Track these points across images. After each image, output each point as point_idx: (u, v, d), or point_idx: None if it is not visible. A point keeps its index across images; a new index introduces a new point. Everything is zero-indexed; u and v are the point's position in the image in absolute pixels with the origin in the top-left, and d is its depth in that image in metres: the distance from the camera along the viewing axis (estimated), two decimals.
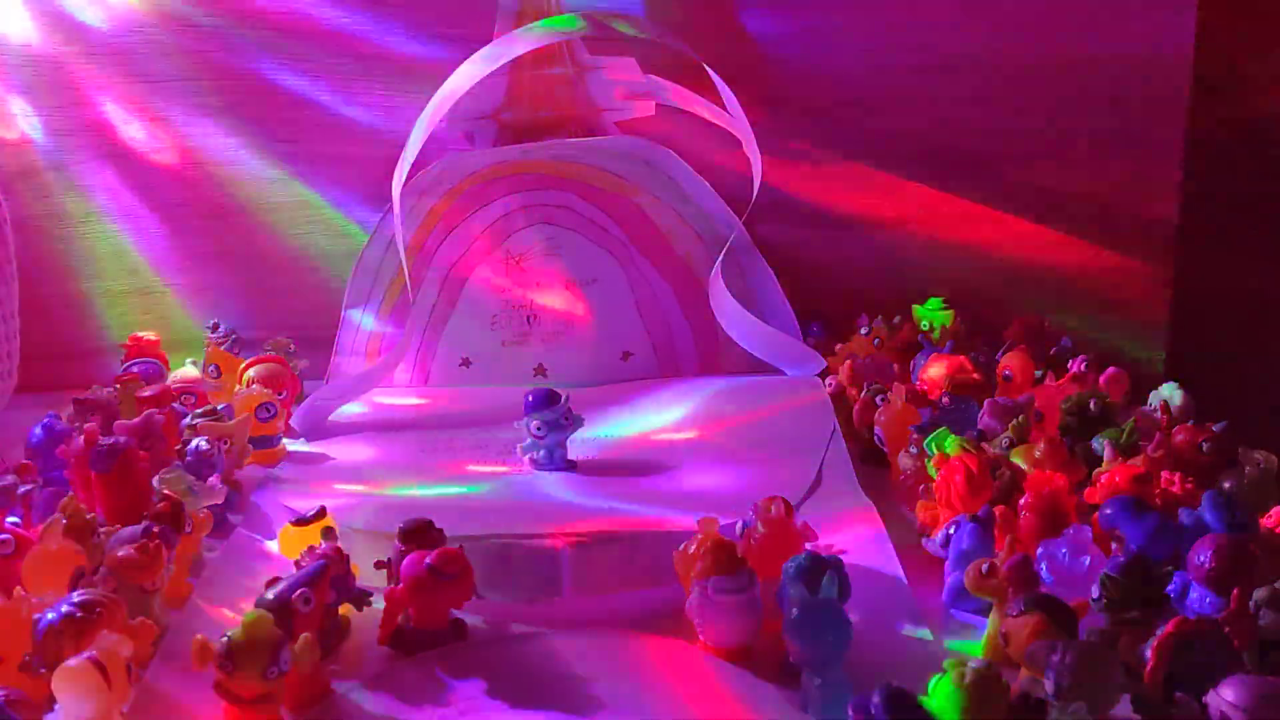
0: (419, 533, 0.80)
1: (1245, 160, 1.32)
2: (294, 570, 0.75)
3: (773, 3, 1.23)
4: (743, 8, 1.24)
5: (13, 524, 0.83)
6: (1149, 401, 1.05)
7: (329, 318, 1.27)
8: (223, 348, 1.22)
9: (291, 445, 1.09)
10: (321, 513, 0.85)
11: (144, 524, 0.79)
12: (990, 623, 0.76)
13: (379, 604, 0.78)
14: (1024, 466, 0.91)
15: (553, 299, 1.25)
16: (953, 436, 0.91)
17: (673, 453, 1.05)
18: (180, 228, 1.30)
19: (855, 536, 0.89)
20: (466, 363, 1.26)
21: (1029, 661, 0.67)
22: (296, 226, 1.30)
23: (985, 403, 1.02)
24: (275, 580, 0.73)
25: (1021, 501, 0.84)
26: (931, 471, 0.91)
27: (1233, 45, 1.27)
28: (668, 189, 1.24)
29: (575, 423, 1.01)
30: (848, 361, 1.16)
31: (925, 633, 0.78)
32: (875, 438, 1.04)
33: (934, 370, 1.11)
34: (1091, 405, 1.00)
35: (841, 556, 0.76)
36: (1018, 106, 1.25)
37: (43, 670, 0.67)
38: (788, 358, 1.23)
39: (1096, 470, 0.90)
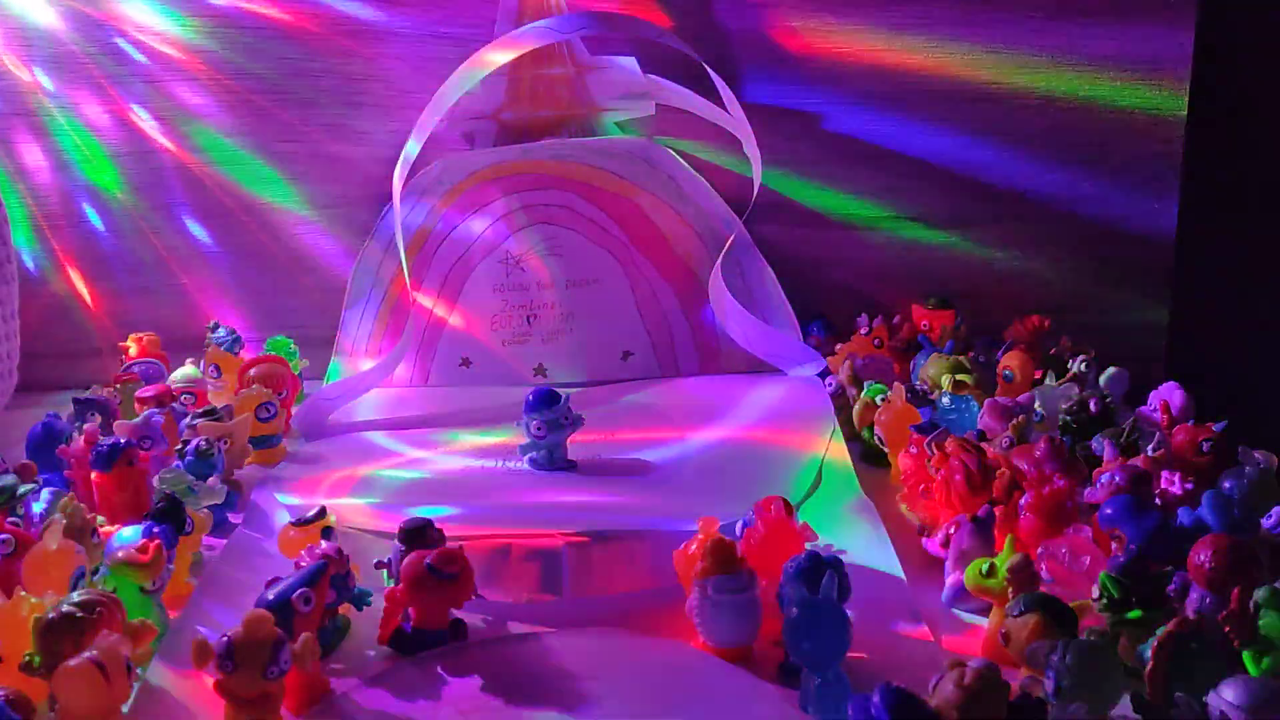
0: (419, 533, 0.80)
1: (1245, 161, 1.32)
2: (294, 570, 0.75)
3: (772, 2, 1.23)
4: (742, 8, 1.23)
5: (13, 524, 0.83)
6: (1149, 401, 1.05)
7: (329, 318, 1.27)
8: (223, 348, 1.22)
9: (291, 445, 1.09)
10: (321, 513, 0.86)
11: (144, 524, 0.79)
12: (990, 623, 0.76)
13: (379, 604, 0.78)
14: (1024, 466, 0.91)
15: (553, 299, 1.25)
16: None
17: (673, 452, 1.05)
18: (180, 227, 1.30)
19: (855, 536, 0.89)
20: (466, 363, 1.26)
21: (1029, 661, 0.67)
22: (296, 226, 1.30)
23: (985, 403, 1.02)
24: (275, 580, 0.73)
25: (1021, 501, 0.84)
26: (932, 472, 0.91)
27: (1233, 46, 1.27)
28: (668, 189, 1.24)
29: (575, 423, 1.01)
30: (848, 361, 1.15)
31: (925, 632, 0.78)
32: (875, 438, 1.04)
33: (933, 369, 1.11)
34: (1091, 405, 1.00)
35: (841, 556, 0.76)
36: (1017, 106, 1.25)
37: (43, 670, 0.67)
38: (788, 358, 1.23)
39: (1096, 470, 0.90)
